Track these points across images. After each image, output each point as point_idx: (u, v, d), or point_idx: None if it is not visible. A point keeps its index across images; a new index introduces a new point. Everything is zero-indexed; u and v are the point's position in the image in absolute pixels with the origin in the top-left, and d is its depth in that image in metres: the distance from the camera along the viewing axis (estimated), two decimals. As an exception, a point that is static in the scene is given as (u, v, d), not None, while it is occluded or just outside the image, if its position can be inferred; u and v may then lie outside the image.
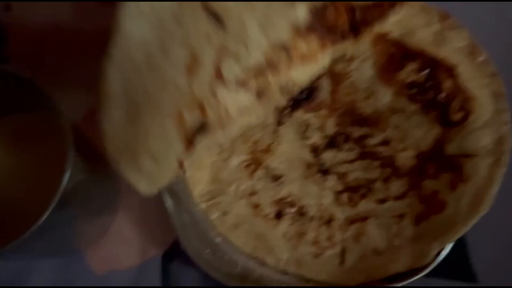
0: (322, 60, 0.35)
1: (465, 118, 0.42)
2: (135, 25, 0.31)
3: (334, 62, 0.40)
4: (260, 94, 0.33)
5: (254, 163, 0.46)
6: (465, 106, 0.42)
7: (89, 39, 0.41)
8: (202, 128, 0.33)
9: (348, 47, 0.36)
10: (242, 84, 0.32)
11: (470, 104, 0.42)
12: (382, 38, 0.45)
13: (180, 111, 0.31)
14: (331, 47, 0.36)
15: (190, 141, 0.33)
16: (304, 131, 0.47)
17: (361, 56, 0.46)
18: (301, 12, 0.33)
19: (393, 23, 0.45)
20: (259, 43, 0.31)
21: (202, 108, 0.32)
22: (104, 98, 0.33)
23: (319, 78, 0.37)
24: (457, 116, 0.43)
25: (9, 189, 0.39)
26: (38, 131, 0.41)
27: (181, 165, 0.35)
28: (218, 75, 0.31)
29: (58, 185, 0.32)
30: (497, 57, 0.43)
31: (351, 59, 0.46)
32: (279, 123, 0.47)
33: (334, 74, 0.46)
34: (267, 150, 0.46)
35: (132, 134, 0.33)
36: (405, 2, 0.39)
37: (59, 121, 0.38)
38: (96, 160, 0.40)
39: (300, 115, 0.47)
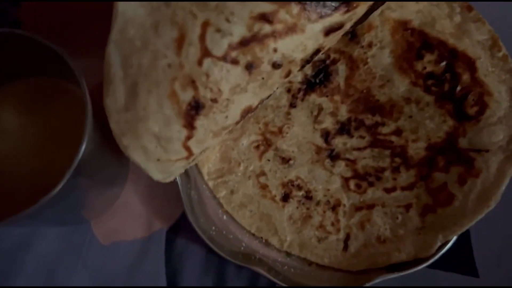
0: (312, 34, 0.34)
1: (479, 113, 0.43)
2: (130, 8, 0.32)
3: (344, 43, 0.38)
4: (249, 68, 0.33)
5: (264, 144, 0.47)
6: (480, 100, 0.43)
7: (103, 7, 0.41)
8: (198, 107, 0.33)
9: (342, 19, 0.35)
10: (230, 60, 0.32)
11: (486, 99, 0.43)
12: (402, 26, 0.45)
13: (174, 89, 0.32)
14: (320, 21, 0.34)
15: (189, 123, 0.34)
16: (316, 115, 0.47)
17: (379, 43, 0.46)
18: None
19: (414, 12, 0.45)
20: (240, 16, 0.31)
21: (194, 85, 0.32)
22: (106, 79, 0.34)
23: (316, 53, 0.36)
24: (472, 110, 0.43)
25: (21, 153, 0.39)
26: (54, 96, 0.41)
27: (188, 150, 0.36)
28: (206, 52, 0.32)
29: (73, 154, 0.32)
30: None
31: (369, 45, 0.46)
32: (292, 105, 0.47)
33: (351, 60, 0.47)
34: (278, 132, 0.47)
35: (133, 114, 0.34)
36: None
37: (77, 88, 0.38)
38: (108, 130, 0.41)
39: (314, 98, 0.47)
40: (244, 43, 0.32)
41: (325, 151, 0.47)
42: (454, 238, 0.41)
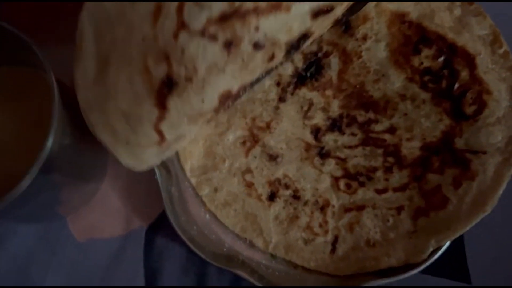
0: (298, 14, 0.32)
1: (478, 112, 0.41)
2: None
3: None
4: (228, 46, 0.31)
5: (251, 140, 0.45)
6: (479, 99, 0.41)
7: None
8: (171, 85, 0.31)
9: (330, 3, 0.33)
10: (208, 35, 0.30)
11: (485, 98, 0.41)
12: (399, 19, 0.43)
13: (146, 64, 0.30)
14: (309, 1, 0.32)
15: (161, 102, 0.32)
16: (307, 110, 0.45)
17: (375, 36, 0.44)
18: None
19: (413, 4, 0.43)
20: None
21: (168, 61, 0.30)
22: (77, 51, 0.32)
23: (304, 38, 0.34)
24: (469, 109, 0.41)
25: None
26: (22, 87, 0.39)
27: (160, 135, 0.34)
28: (183, 25, 0.29)
29: (41, 148, 0.30)
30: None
31: (364, 38, 0.44)
32: (281, 99, 0.45)
33: (344, 53, 0.44)
34: (266, 127, 0.45)
35: (102, 89, 0.32)
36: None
37: (45, 78, 0.36)
38: (83, 122, 0.38)
39: (304, 93, 0.45)
40: (224, 18, 0.30)
41: (315, 148, 0.45)
42: (447, 243, 0.39)
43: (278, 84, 0.45)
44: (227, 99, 0.36)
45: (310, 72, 0.45)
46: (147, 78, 0.31)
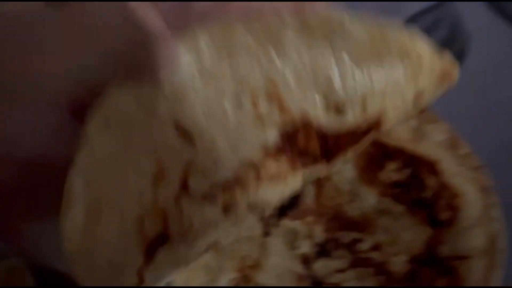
0: (293, 182, 0.36)
1: (453, 217, 0.44)
2: (100, 136, 0.32)
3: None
4: (227, 210, 0.33)
5: (244, 281, 0.47)
6: (452, 204, 0.44)
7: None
8: (164, 240, 0.33)
9: (321, 170, 0.38)
10: (208, 198, 0.32)
11: (458, 202, 0.44)
12: (360, 139, 0.48)
13: (142, 219, 0.32)
14: (302, 170, 0.37)
15: (150, 254, 0.33)
16: (292, 240, 0.48)
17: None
18: (272, 135, 0.35)
19: (369, 123, 0.48)
20: (228, 160, 0.32)
21: (165, 219, 0.32)
22: (66, 198, 0.33)
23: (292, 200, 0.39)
24: (445, 215, 0.44)
25: None
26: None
27: (141, 279, 0.34)
28: (184, 188, 0.32)
29: None
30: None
31: (332, 162, 0.48)
32: (266, 234, 0.48)
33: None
34: (256, 265, 0.47)
35: (90, 237, 0.33)
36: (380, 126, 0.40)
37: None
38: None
39: (287, 223, 0.48)
40: (226, 186, 0.32)
41: (307, 278, 0.47)
42: None
43: (261, 219, 0.49)
44: (214, 246, 0.39)
45: (288, 202, 0.48)
46: (139, 231, 0.32)
